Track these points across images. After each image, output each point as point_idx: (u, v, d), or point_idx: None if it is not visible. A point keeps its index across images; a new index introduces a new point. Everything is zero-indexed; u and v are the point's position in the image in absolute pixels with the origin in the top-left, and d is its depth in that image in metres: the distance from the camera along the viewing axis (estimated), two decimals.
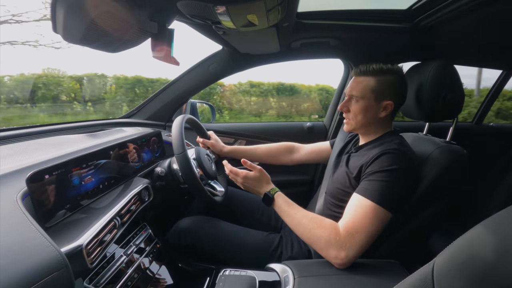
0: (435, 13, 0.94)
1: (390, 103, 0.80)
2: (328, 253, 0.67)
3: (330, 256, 0.67)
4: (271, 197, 0.79)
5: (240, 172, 0.83)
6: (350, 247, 0.65)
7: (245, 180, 0.83)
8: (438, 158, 0.77)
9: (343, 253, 0.65)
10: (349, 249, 0.65)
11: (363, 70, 0.81)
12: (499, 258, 0.29)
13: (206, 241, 0.92)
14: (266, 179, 0.83)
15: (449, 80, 0.86)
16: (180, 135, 0.87)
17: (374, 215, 0.67)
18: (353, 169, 0.80)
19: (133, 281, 0.74)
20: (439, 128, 1.01)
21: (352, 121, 0.84)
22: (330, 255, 0.66)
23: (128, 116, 1.40)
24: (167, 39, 0.69)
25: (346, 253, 0.65)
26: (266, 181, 0.83)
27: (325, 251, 0.67)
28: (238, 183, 0.85)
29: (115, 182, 0.78)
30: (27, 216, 0.48)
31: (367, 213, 0.67)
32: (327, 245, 0.67)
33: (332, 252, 0.66)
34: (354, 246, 0.65)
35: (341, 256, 0.65)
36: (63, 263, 0.43)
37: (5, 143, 0.77)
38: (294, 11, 0.88)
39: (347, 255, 0.65)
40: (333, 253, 0.66)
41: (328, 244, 0.67)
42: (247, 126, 1.53)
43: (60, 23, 0.54)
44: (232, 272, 0.71)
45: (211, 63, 1.33)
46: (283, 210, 0.77)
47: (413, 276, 0.39)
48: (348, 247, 0.65)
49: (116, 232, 0.66)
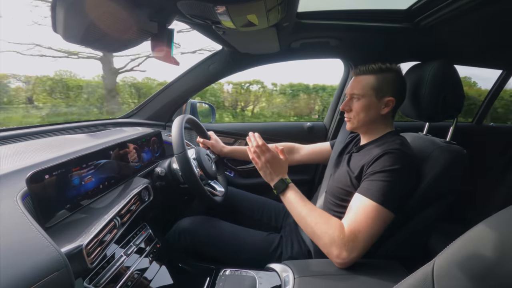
0: (435, 13, 0.94)
1: (391, 99, 0.81)
2: (331, 250, 0.67)
3: (332, 254, 0.67)
4: (286, 184, 0.79)
5: (272, 150, 0.81)
6: (352, 247, 0.65)
7: (272, 160, 0.80)
8: (438, 158, 0.76)
9: (345, 253, 0.65)
10: (352, 250, 0.65)
11: (362, 70, 0.83)
12: (499, 258, 0.29)
13: (206, 241, 0.92)
14: (286, 168, 0.83)
15: (449, 80, 0.86)
16: (180, 135, 0.87)
17: (376, 216, 0.67)
18: (355, 169, 0.80)
19: (133, 281, 0.74)
20: (439, 128, 1.01)
21: (354, 119, 0.85)
22: (332, 253, 0.67)
23: (128, 116, 1.40)
24: (167, 39, 0.69)
25: (347, 253, 0.65)
26: (285, 170, 0.83)
27: (328, 247, 0.67)
28: (261, 160, 0.80)
29: (115, 182, 0.78)
30: (27, 216, 0.48)
31: (370, 214, 0.67)
32: (331, 242, 0.67)
33: (335, 250, 0.66)
34: (356, 247, 0.65)
35: (342, 255, 0.65)
36: (63, 263, 0.43)
37: (5, 143, 0.77)
38: (294, 11, 0.88)
39: (348, 256, 0.65)
40: (336, 251, 0.66)
41: (331, 241, 0.67)
42: (247, 126, 1.53)
43: (60, 23, 0.55)
44: (232, 272, 0.71)
45: (211, 63, 1.33)
46: (294, 199, 0.76)
47: (413, 276, 0.39)
48: (351, 248, 0.65)
49: (116, 232, 0.66)
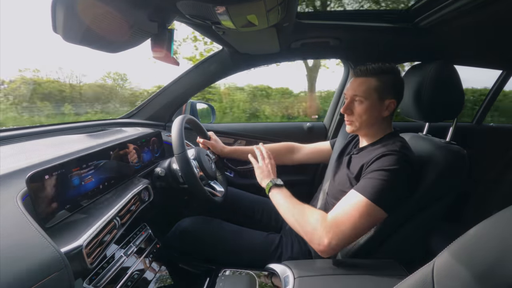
0: (435, 13, 0.94)
1: (393, 101, 0.81)
2: (312, 237, 0.69)
3: (314, 241, 0.69)
4: (274, 183, 0.86)
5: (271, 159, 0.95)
6: (333, 235, 0.67)
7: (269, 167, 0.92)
8: (438, 158, 0.76)
9: (325, 240, 0.67)
10: (332, 237, 0.66)
11: (363, 71, 0.82)
12: (499, 258, 0.29)
13: (206, 242, 0.92)
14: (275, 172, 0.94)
15: (449, 80, 0.85)
16: (180, 135, 0.87)
17: (365, 211, 0.68)
18: (354, 170, 0.80)
19: (133, 281, 0.74)
20: (439, 128, 1.01)
21: (356, 122, 0.84)
22: (314, 240, 0.69)
23: (128, 116, 1.39)
24: (167, 39, 0.69)
25: (328, 240, 0.66)
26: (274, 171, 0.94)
27: (309, 235, 0.70)
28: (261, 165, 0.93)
29: (115, 183, 0.78)
30: (27, 217, 0.48)
31: (357, 207, 0.68)
32: (312, 230, 0.69)
33: (316, 237, 0.68)
34: (337, 235, 0.66)
35: (323, 242, 0.67)
36: (63, 263, 0.43)
37: (5, 143, 0.77)
38: (294, 11, 0.88)
39: (329, 243, 0.66)
40: (317, 238, 0.68)
41: (313, 229, 0.69)
42: (247, 126, 1.53)
43: (60, 24, 0.54)
44: (232, 272, 0.71)
45: (211, 63, 1.33)
46: (280, 196, 0.82)
47: (413, 276, 0.39)
48: (331, 235, 0.67)
49: (116, 232, 0.66)
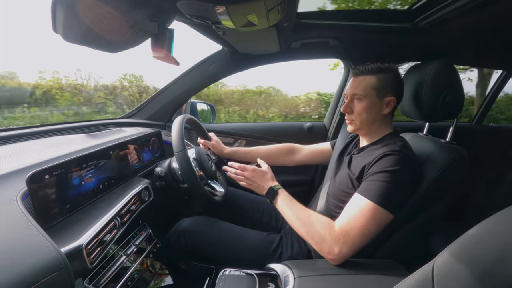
0: (435, 13, 0.94)
1: (392, 99, 0.81)
2: (322, 247, 0.69)
3: (324, 251, 0.68)
4: (276, 191, 0.82)
5: (249, 167, 0.87)
6: (344, 243, 0.66)
7: (253, 174, 0.86)
8: (438, 158, 0.76)
9: (336, 248, 0.66)
10: (343, 245, 0.66)
11: (362, 70, 0.83)
12: (499, 258, 0.29)
13: (206, 241, 0.92)
14: (271, 175, 0.88)
15: (449, 80, 0.85)
16: (180, 134, 0.87)
17: (372, 215, 0.67)
18: (355, 170, 0.80)
19: (133, 281, 0.74)
20: (439, 128, 1.01)
21: (357, 120, 0.84)
22: (323, 249, 0.68)
23: (128, 116, 1.39)
24: (167, 39, 0.69)
25: (339, 249, 0.66)
26: (271, 177, 0.88)
27: (319, 245, 0.69)
28: (245, 179, 0.87)
29: (115, 182, 0.78)
30: (27, 216, 0.48)
31: (365, 212, 0.68)
32: (321, 240, 0.69)
33: (325, 247, 0.68)
34: (348, 243, 0.66)
35: (334, 251, 0.67)
36: (63, 263, 0.43)
37: (5, 143, 0.77)
38: (294, 11, 0.88)
39: (340, 251, 0.66)
40: (326, 248, 0.68)
41: (322, 239, 0.69)
42: (247, 127, 1.53)
43: (60, 24, 0.54)
44: (232, 272, 0.71)
45: (211, 63, 1.33)
46: (284, 204, 0.80)
47: (413, 276, 0.39)
48: (341, 244, 0.66)
49: (116, 232, 0.66)
